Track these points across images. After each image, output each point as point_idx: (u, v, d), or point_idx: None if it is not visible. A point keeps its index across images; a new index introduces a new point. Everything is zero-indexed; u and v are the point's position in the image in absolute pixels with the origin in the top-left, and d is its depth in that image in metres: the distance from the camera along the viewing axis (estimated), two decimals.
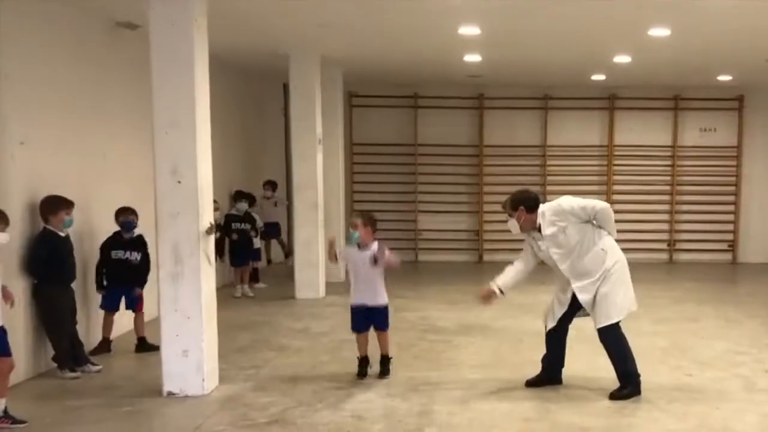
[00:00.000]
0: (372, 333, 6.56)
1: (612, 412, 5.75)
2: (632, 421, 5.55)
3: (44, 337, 6.65)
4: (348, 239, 6.52)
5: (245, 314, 9.30)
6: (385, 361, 6.60)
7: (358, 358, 6.58)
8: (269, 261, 12.69)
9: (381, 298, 6.47)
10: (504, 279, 6.21)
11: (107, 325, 7.44)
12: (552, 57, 10.57)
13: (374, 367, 6.59)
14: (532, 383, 6.32)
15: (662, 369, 6.89)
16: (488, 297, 6.21)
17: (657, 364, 7.01)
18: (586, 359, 6.79)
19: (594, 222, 6.03)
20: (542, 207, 6.10)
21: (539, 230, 6.05)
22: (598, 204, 6.04)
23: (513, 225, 6.15)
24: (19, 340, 6.27)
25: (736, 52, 10.00)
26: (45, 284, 6.53)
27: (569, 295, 6.09)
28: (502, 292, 6.18)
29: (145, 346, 7.43)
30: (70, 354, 6.67)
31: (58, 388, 6.33)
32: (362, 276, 6.42)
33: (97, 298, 7.48)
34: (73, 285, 6.91)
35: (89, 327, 7.40)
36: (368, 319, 6.49)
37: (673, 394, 6.17)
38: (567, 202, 6.05)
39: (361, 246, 6.39)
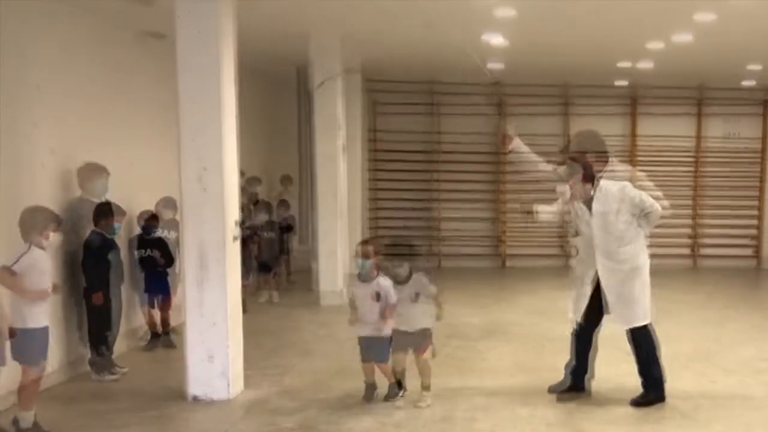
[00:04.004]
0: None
1: (636, 418, 5.74)
2: (656, 428, 5.54)
3: (77, 340, 6.77)
4: (359, 266, 6.00)
5: (270, 319, 9.37)
6: (391, 386, 6.15)
7: (365, 382, 6.20)
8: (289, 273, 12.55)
9: (384, 329, 5.97)
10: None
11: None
12: (574, 61, 10.57)
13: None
14: (554, 389, 6.29)
15: (686, 375, 6.86)
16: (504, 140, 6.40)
17: (681, 370, 6.98)
18: (612, 365, 6.76)
19: (637, 217, 5.97)
20: (606, 183, 5.98)
21: (587, 203, 5.96)
22: (656, 205, 5.97)
23: (563, 190, 6.12)
24: (51, 344, 6.35)
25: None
26: (97, 286, 6.67)
27: (589, 286, 6.01)
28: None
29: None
30: (110, 357, 6.82)
31: (86, 392, 6.43)
32: (366, 308, 5.98)
33: None
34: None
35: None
36: (370, 348, 6.09)
37: (697, 400, 6.15)
38: (630, 188, 5.98)
39: (364, 277, 5.99)
